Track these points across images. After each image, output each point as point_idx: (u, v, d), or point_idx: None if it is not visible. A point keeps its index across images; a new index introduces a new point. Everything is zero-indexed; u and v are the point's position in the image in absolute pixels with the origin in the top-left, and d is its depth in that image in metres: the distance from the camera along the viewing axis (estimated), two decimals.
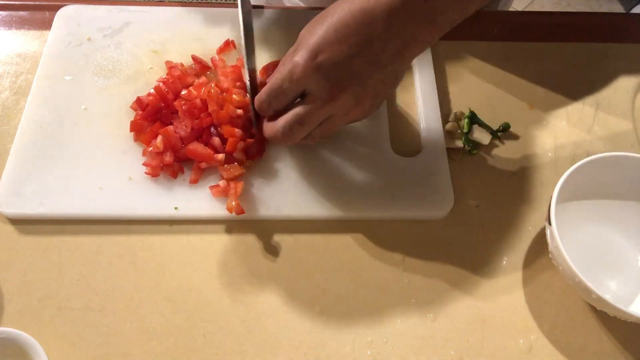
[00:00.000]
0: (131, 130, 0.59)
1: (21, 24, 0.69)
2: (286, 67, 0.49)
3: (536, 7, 2.05)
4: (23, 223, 0.55)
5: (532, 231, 0.58)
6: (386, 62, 0.49)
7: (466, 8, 0.49)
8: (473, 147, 0.62)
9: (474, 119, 0.63)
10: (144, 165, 0.57)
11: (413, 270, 0.55)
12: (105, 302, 0.52)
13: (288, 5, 0.86)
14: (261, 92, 0.52)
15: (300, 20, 0.65)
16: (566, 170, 0.52)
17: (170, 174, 0.57)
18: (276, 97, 0.51)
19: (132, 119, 0.59)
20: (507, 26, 0.62)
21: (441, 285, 0.54)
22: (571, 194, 0.55)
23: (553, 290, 0.55)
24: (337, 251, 0.56)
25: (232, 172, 0.56)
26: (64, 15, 0.68)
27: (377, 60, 0.48)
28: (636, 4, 1.93)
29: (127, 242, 0.55)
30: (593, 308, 0.53)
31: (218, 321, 0.52)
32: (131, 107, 0.61)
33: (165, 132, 0.56)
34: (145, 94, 0.60)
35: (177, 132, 0.56)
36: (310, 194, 0.57)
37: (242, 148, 0.57)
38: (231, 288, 0.53)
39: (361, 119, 0.54)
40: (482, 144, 0.63)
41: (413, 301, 0.53)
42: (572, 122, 0.65)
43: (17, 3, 0.71)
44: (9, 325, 0.50)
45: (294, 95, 0.50)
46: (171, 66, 0.63)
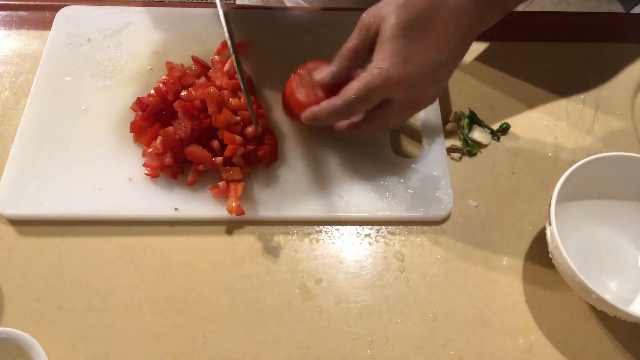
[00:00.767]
0: (131, 131, 0.59)
1: (21, 24, 0.69)
2: (376, 80, 0.49)
3: (536, 7, 2.05)
4: (23, 224, 0.55)
5: (532, 231, 0.58)
6: (455, 56, 0.51)
7: (504, 14, 0.52)
8: (473, 148, 0.62)
9: (474, 119, 0.63)
10: (144, 166, 0.57)
11: (413, 270, 0.55)
12: (105, 302, 0.52)
13: (289, 5, 0.86)
14: (337, 101, 0.51)
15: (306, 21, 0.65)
16: (566, 170, 0.52)
17: (170, 175, 0.57)
18: (359, 105, 0.51)
19: (132, 120, 0.59)
20: (507, 26, 0.62)
21: (441, 285, 0.54)
22: (571, 194, 0.55)
23: (553, 290, 0.55)
24: (337, 252, 0.56)
25: (232, 175, 0.55)
26: (64, 15, 0.68)
27: (449, 67, 0.51)
28: (636, 4, 1.93)
29: (127, 243, 0.55)
30: (593, 308, 0.53)
31: (218, 321, 0.52)
32: (131, 108, 0.61)
33: (165, 133, 0.56)
34: (145, 95, 0.60)
35: (177, 133, 0.56)
36: (310, 195, 0.57)
37: (242, 154, 0.56)
38: (231, 288, 0.53)
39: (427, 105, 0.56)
40: (483, 144, 0.63)
41: (413, 301, 0.53)
42: (572, 122, 0.65)
43: (17, 3, 0.71)
44: (9, 325, 0.50)
45: (377, 102, 0.51)
46: (171, 67, 0.62)
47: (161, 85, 0.59)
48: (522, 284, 0.55)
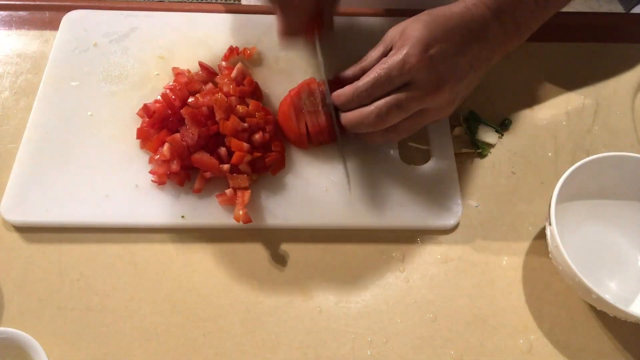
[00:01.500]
0: (138, 137, 0.58)
1: (21, 24, 0.69)
2: (396, 58, 0.50)
3: None
4: (28, 231, 0.55)
5: (532, 231, 0.58)
6: (477, 67, 0.53)
7: (545, 19, 0.56)
8: (484, 149, 0.62)
9: (475, 119, 0.63)
10: (151, 173, 0.56)
11: (413, 270, 0.55)
12: (105, 302, 0.52)
13: None
14: (359, 83, 0.53)
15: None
16: (566, 170, 0.52)
17: (177, 182, 0.56)
18: (382, 86, 0.51)
19: (139, 126, 0.59)
20: None
21: (441, 285, 0.54)
22: (571, 194, 0.55)
23: (553, 290, 0.55)
24: (338, 254, 0.56)
25: (239, 182, 0.55)
26: (71, 20, 0.68)
27: (473, 63, 0.53)
28: (636, 4, 1.93)
29: (131, 247, 0.55)
30: (593, 308, 0.53)
31: (218, 321, 0.52)
32: (137, 114, 0.60)
33: (172, 140, 0.55)
34: (151, 101, 0.59)
35: (184, 140, 0.55)
36: (317, 203, 0.56)
37: (249, 161, 0.56)
38: (231, 288, 0.53)
39: (441, 120, 0.57)
40: (491, 144, 0.62)
41: (413, 301, 0.53)
42: (572, 122, 0.65)
43: (18, 3, 0.71)
44: (9, 325, 0.50)
45: (399, 84, 0.51)
46: (178, 72, 0.62)
47: (168, 91, 0.58)
48: (522, 284, 0.55)
